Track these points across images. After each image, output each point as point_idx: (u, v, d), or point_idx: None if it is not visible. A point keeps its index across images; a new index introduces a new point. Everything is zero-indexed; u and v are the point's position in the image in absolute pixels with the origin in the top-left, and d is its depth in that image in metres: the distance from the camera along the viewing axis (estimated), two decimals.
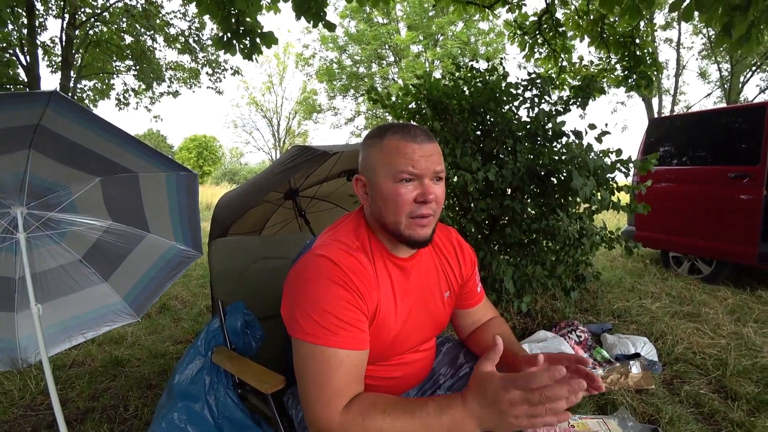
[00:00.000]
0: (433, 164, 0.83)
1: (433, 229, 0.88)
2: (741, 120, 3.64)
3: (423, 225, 0.84)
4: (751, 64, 14.12)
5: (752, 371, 2.08)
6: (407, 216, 0.84)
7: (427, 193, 0.82)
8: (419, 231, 0.85)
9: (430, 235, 0.87)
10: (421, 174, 0.83)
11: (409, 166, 0.82)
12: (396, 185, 0.83)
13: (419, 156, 0.82)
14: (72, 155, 1.43)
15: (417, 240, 0.85)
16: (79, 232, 1.71)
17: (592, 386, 0.77)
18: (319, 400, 0.75)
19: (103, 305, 1.87)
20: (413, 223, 0.84)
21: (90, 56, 9.64)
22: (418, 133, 0.85)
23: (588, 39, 4.13)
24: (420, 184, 0.83)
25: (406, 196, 0.83)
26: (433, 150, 0.85)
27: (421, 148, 0.83)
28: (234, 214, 2.11)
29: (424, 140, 0.84)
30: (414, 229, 0.84)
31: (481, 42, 18.18)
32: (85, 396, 1.96)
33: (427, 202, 0.83)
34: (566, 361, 0.83)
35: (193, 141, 28.46)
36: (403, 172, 0.82)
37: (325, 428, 0.73)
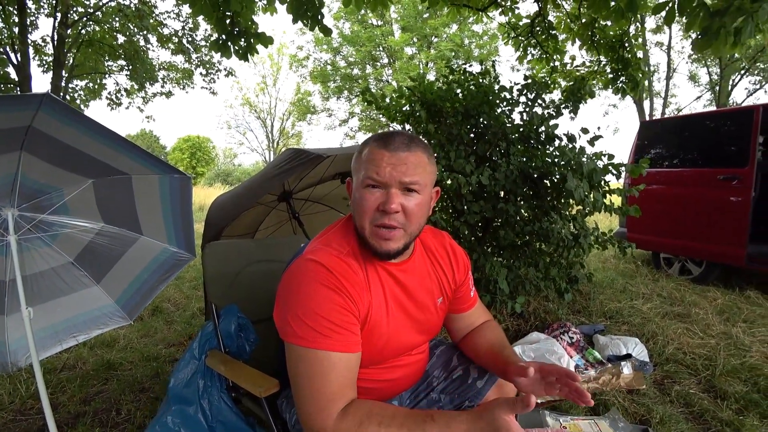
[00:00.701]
0: (400, 174, 0.81)
1: (405, 244, 0.86)
2: (730, 123, 3.69)
3: (386, 238, 0.83)
4: (740, 68, 14.34)
5: (741, 371, 2.11)
6: (371, 223, 0.83)
7: (389, 201, 0.80)
8: (382, 244, 0.83)
9: (397, 249, 0.85)
10: (386, 182, 0.81)
11: (375, 173, 0.81)
12: (363, 190, 0.83)
13: (386, 164, 0.81)
14: (64, 157, 1.43)
15: (379, 252, 0.84)
16: (70, 234, 1.69)
17: (581, 400, 0.79)
18: (314, 404, 0.75)
19: (95, 308, 1.85)
20: (375, 232, 0.83)
21: (82, 56, 9.55)
22: (395, 141, 0.83)
23: (579, 42, 4.18)
24: (385, 192, 0.82)
25: (370, 203, 0.82)
26: (406, 159, 0.82)
27: (392, 157, 0.81)
28: (228, 217, 2.11)
29: (399, 149, 0.82)
30: (377, 240, 0.84)
31: (474, 44, 18.27)
32: (76, 400, 1.94)
33: (387, 212, 0.81)
34: (556, 374, 0.83)
35: (186, 141, 28.28)
36: (368, 178, 0.82)
37: (320, 431, 0.74)
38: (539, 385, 0.86)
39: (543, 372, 0.85)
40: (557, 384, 0.84)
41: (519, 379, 0.86)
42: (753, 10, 2.11)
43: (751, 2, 2.12)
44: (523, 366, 0.84)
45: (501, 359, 0.95)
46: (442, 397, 1.08)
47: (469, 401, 1.06)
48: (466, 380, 1.06)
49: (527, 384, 0.86)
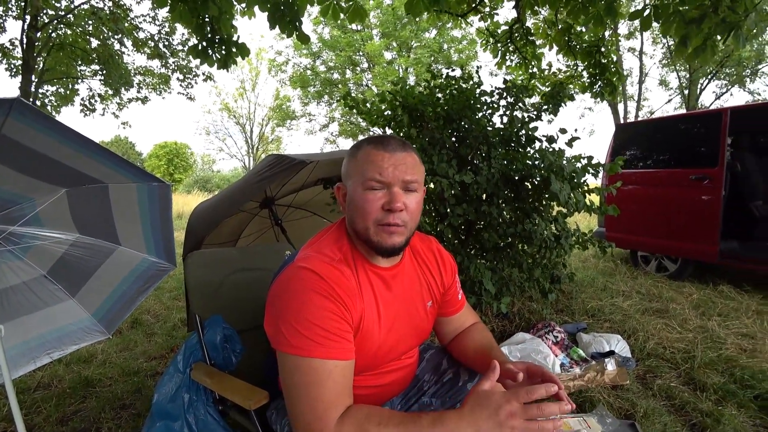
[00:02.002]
0: (402, 173, 0.84)
1: (406, 240, 0.88)
2: (700, 125, 3.84)
3: (391, 232, 0.84)
4: (707, 73, 14.96)
5: (718, 362, 2.18)
6: (375, 223, 0.84)
7: (394, 200, 0.83)
8: (387, 238, 0.84)
9: (401, 244, 0.86)
10: (390, 182, 0.83)
11: (377, 173, 0.83)
12: (365, 192, 0.84)
13: (388, 164, 0.83)
14: (35, 166, 1.37)
15: (385, 247, 0.85)
16: (43, 246, 1.63)
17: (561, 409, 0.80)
18: (311, 413, 0.74)
19: (71, 323, 1.78)
20: (381, 230, 0.84)
21: (53, 60, 9.23)
22: (391, 142, 0.86)
23: (556, 47, 4.28)
24: (388, 192, 0.84)
25: (374, 204, 0.83)
26: (405, 159, 0.85)
27: (392, 157, 0.84)
28: (209, 225, 2.06)
29: (396, 149, 0.85)
30: (381, 236, 0.84)
31: (453, 49, 18.51)
32: (52, 420, 1.86)
33: (393, 210, 0.83)
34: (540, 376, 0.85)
35: (163, 148, 27.65)
36: (371, 179, 0.83)
37: None
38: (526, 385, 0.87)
39: (529, 373, 0.87)
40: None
41: (507, 381, 0.87)
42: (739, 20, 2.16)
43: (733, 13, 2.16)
44: (512, 369, 0.85)
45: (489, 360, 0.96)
46: (433, 401, 1.08)
47: (460, 404, 1.06)
48: (457, 383, 1.06)
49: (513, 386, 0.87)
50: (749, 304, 3.08)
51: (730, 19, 2.16)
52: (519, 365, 0.87)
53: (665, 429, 1.65)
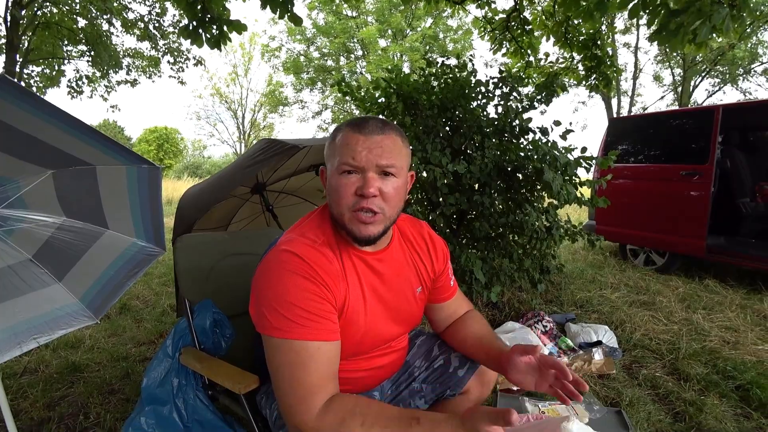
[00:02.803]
0: (376, 157, 0.80)
1: (384, 228, 0.85)
2: (693, 121, 3.87)
3: (365, 222, 0.82)
4: (701, 70, 15.06)
5: (701, 354, 2.23)
6: (349, 209, 0.82)
7: (367, 185, 0.80)
8: (361, 228, 0.83)
9: (376, 234, 0.84)
10: (363, 166, 0.80)
11: (350, 157, 0.81)
12: (339, 177, 0.82)
13: (362, 148, 0.80)
14: (20, 146, 1.33)
15: (359, 237, 0.84)
16: (28, 229, 1.59)
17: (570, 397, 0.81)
18: (294, 395, 0.73)
19: (57, 307, 1.75)
20: (355, 217, 0.82)
21: (38, 39, 8.95)
22: (370, 125, 0.82)
23: (553, 39, 4.27)
24: (362, 177, 0.81)
25: (347, 189, 0.81)
26: (381, 142, 0.81)
27: (367, 140, 0.81)
28: (200, 210, 2.03)
29: (373, 132, 0.82)
30: (356, 225, 0.83)
31: (449, 39, 18.36)
32: (39, 405, 1.84)
33: (365, 195, 0.80)
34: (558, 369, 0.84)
35: (153, 133, 27.17)
36: (344, 163, 0.81)
37: (301, 425, 0.72)
38: (531, 376, 0.87)
39: (542, 362, 0.86)
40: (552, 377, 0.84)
41: (519, 359, 0.86)
42: (710, 12, 2.22)
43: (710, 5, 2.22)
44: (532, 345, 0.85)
45: (494, 351, 0.96)
46: (424, 386, 1.08)
47: (450, 390, 1.07)
48: (447, 369, 1.07)
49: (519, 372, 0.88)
50: (733, 298, 3.14)
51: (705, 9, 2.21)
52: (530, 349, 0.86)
53: (649, 417, 1.69)
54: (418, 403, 1.09)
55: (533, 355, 0.84)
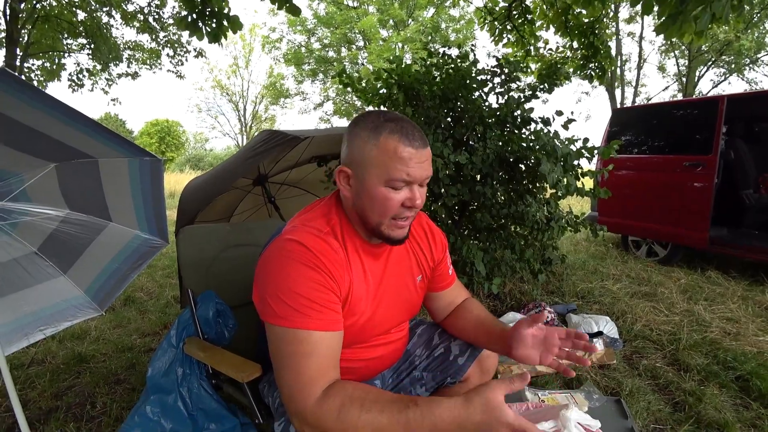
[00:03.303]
0: (426, 171, 0.84)
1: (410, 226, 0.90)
2: (697, 112, 3.83)
3: (402, 226, 0.86)
4: (706, 60, 14.90)
5: (702, 345, 2.24)
6: (391, 218, 0.84)
7: (415, 198, 0.83)
8: (398, 232, 0.87)
9: (408, 233, 0.89)
10: (413, 181, 0.83)
11: (405, 173, 0.80)
12: (387, 189, 0.82)
13: (416, 163, 0.81)
14: (22, 139, 1.34)
15: (395, 239, 0.87)
16: (32, 222, 1.60)
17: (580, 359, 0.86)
18: (294, 384, 0.74)
19: (63, 300, 1.77)
20: (394, 224, 0.85)
21: (38, 32, 8.92)
22: (416, 136, 0.82)
23: (554, 27, 4.23)
24: (409, 189, 0.83)
25: (395, 201, 0.83)
26: (427, 155, 0.84)
27: (418, 154, 0.81)
28: (202, 201, 2.04)
29: (421, 145, 0.82)
30: (393, 230, 0.86)
31: (451, 29, 18.19)
32: (47, 395, 1.87)
33: (413, 207, 0.84)
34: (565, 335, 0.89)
35: (154, 126, 27.16)
36: (398, 180, 0.81)
37: (301, 411, 0.73)
38: (536, 350, 0.90)
39: (548, 332, 0.90)
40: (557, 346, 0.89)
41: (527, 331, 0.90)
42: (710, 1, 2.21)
43: None
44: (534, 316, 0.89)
45: (496, 331, 0.98)
46: (424, 374, 1.09)
47: (450, 378, 1.08)
48: (448, 357, 1.08)
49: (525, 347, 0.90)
50: (735, 290, 3.14)
51: None
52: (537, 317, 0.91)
53: (649, 406, 1.70)
54: (419, 391, 1.10)
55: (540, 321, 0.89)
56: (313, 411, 0.72)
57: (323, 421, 0.71)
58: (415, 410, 0.69)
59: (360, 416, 0.70)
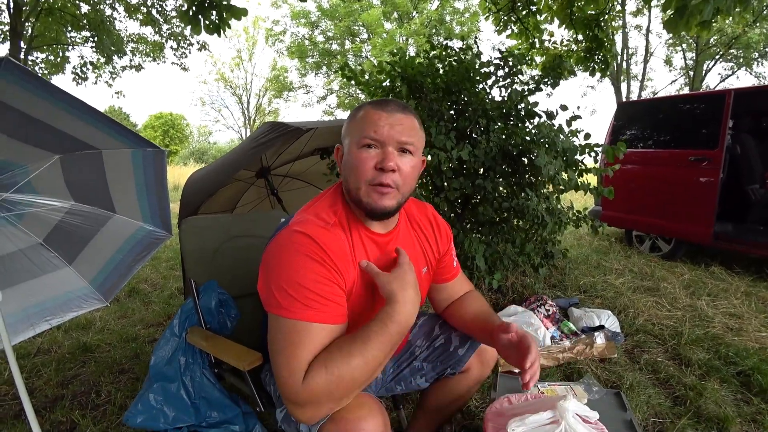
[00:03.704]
0: (397, 133, 0.84)
1: (398, 204, 0.87)
2: (703, 106, 3.79)
3: (382, 193, 0.84)
4: (714, 54, 14.68)
5: (704, 340, 2.24)
6: (367, 183, 0.84)
7: (387, 159, 0.82)
8: (377, 199, 0.84)
9: (392, 207, 0.86)
10: (384, 141, 0.83)
11: (372, 131, 0.83)
12: (359, 151, 0.84)
13: (384, 123, 0.83)
14: (27, 130, 1.34)
15: (375, 208, 0.85)
16: (38, 213, 1.61)
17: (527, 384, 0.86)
18: (287, 368, 0.75)
19: (69, 290, 1.79)
20: (372, 190, 0.84)
21: (42, 25, 8.92)
22: (391, 104, 0.86)
23: (558, 20, 4.19)
24: (382, 151, 0.84)
25: (367, 162, 0.83)
26: (402, 120, 0.85)
27: (389, 117, 0.84)
28: (205, 192, 2.05)
29: (395, 110, 0.85)
30: (372, 196, 0.84)
31: (456, 21, 18.03)
32: (53, 384, 1.90)
33: (384, 169, 0.82)
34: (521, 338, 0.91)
35: (158, 119, 27.21)
36: (366, 137, 0.83)
37: (297, 397, 0.74)
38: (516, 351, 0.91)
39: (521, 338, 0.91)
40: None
41: (502, 336, 0.92)
42: None
43: None
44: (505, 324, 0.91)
45: (488, 327, 0.99)
46: (425, 365, 1.10)
47: (450, 368, 1.09)
48: (448, 348, 1.09)
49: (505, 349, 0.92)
50: (739, 285, 3.13)
51: None
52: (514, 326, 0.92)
53: (649, 399, 1.71)
54: (419, 381, 1.11)
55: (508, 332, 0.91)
56: (304, 387, 0.73)
57: (317, 388, 0.72)
58: (375, 323, 0.79)
59: (344, 358, 0.74)
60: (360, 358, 0.74)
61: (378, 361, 0.77)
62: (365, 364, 0.75)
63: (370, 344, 0.76)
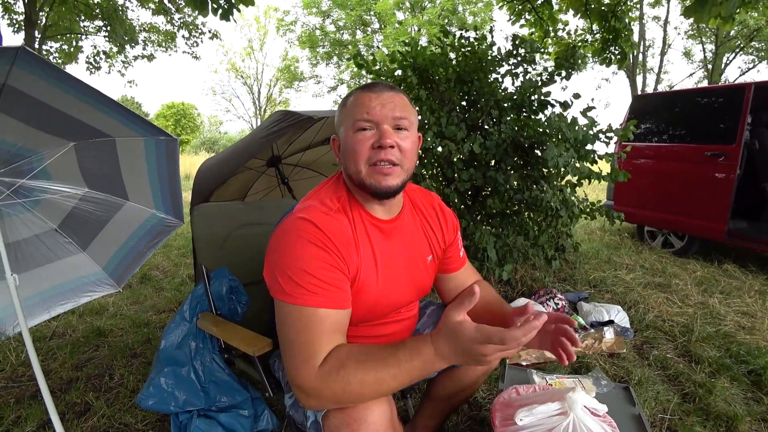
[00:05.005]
0: (390, 110, 0.84)
1: (402, 182, 0.87)
2: (721, 100, 3.69)
3: (385, 173, 0.84)
4: (735, 46, 14.28)
5: (715, 338, 2.21)
6: (366, 163, 0.84)
7: (384, 137, 0.83)
8: (381, 180, 0.84)
9: (396, 186, 0.86)
10: (378, 120, 0.84)
11: (364, 113, 0.84)
12: (355, 134, 0.85)
13: (375, 104, 0.84)
14: (43, 118, 1.36)
15: (379, 189, 0.85)
16: (53, 200, 1.64)
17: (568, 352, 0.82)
18: (299, 357, 0.76)
19: (82, 275, 1.83)
20: (374, 170, 0.84)
21: (56, 15, 8.99)
22: (379, 85, 0.87)
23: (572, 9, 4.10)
24: (378, 131, 0.84)
25: (364, 143, 0.84)
26: (392, 98, 0.85)
27: (379, 97, 0.85)
28: (216, 180, 2.07)
29: (383, 90, 0.86)
30: (375, 177, 0.84)
31: (468, 11, 17.77)
32: (68, 366, 1.95)
33: (383, 147, 0.83)
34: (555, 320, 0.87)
35: (170, 108, 27.36)
36: (360, 120, 0.84)
37: (304, 384, 0.74)
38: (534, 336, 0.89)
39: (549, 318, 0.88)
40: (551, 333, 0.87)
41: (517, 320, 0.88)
42: None
43: None
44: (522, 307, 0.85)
45: (498, 315, 0.98)
46: None
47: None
48: None
49: None
50: (752, 284, 3.07)
51: None
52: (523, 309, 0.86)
53: (658, 396, 1.70)
54: None
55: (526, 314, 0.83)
56: (315, 380, 0.73)
57: (326, 385, 0.73)
58: (404, 351, 0.75)
59: (358, 369, 0.73)
60: (374, 378, 0.73)
61: (390, 388, 0.75)
62: (377, 384, 0.73)
63: (390, 370, 0.73)
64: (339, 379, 0.72)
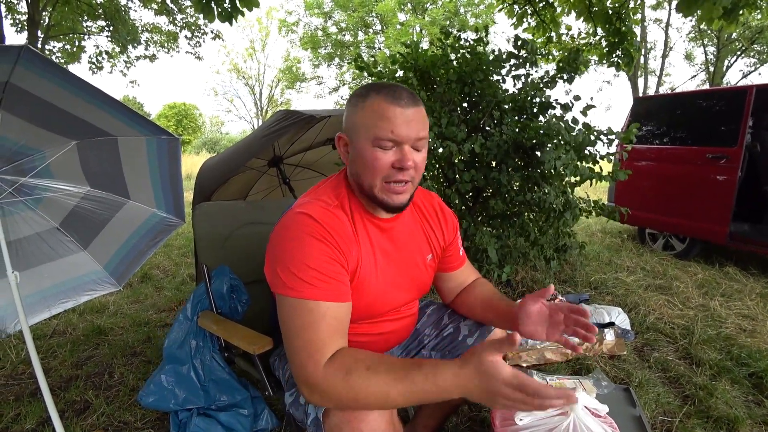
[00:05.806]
0: (414, 131, 0.81)
1: (411, 196, 0.88)
2: (723, 102, 3.69)
3: (398, 192, 0.84)
4: (736, 49, 14.28)
5: (716, 340, 2.20)
6: (382, 180, 0.84)
7: (405, 159, 0.81)
8: (394, 198, 0.85)
9: (407, 201, 0.87)
10: (401, 141, 0.81)
11: (389, 131, 0.80)
12: (374, 150, 0.82)
13: (401, 121, 0.80)
14: (45, 116, 1.37)
15: (391, 205, 0.86)
16: (54, 198, 1.65)
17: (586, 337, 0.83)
18: (304, 352, 0.75)
19: (83, 274, 1.83)
20: (387, 188, 0.84)
21: (58, 14, 9.03)
22: (403, 95, 0.82)
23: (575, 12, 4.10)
24: (399, 150, 0.82)
25: (384, 161, 0.82)
26: (416, 115, 0.82)
27: (404, 113, 0.81)
28: (218, 180, 2.07)
29: (409, 104, 0.82)
30: (388, 195, 0.85)
31: (470, 14, 17.80)
32: (68, 364, 1.95)
33: (404, 168, 0.82)
34: (566, 310, 0.88)
35: (172, 109, 27.43)
36: (383, 138, 0.81)
37: (309, 379, 0.74)
38: (543, 326, 0.90)
39: (552, 309, 0.89)
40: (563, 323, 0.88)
41: (532, 307, 0.89)
42: None
43: None
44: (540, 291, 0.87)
45: (503, 308, 0.98)
46: (433, 354, 1.10)
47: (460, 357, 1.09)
48: (457, 337, 1.09)
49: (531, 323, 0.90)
50: (754, 287, 3.06)
51: None
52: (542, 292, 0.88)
53: (658, 398, 1.69)
54: None
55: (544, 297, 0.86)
56: (322, 376, 0.73)
57: (331, 386, 0.72)
58: (419, 372, 0.71)
59: (368, 378, 0.71)
60: (383, 392, 0.71)
61: (396, 403, 0.72)
62: (383, 396, 0.71)
63: (400, 386, 0.71)
64: (346, 385, 0.71)
